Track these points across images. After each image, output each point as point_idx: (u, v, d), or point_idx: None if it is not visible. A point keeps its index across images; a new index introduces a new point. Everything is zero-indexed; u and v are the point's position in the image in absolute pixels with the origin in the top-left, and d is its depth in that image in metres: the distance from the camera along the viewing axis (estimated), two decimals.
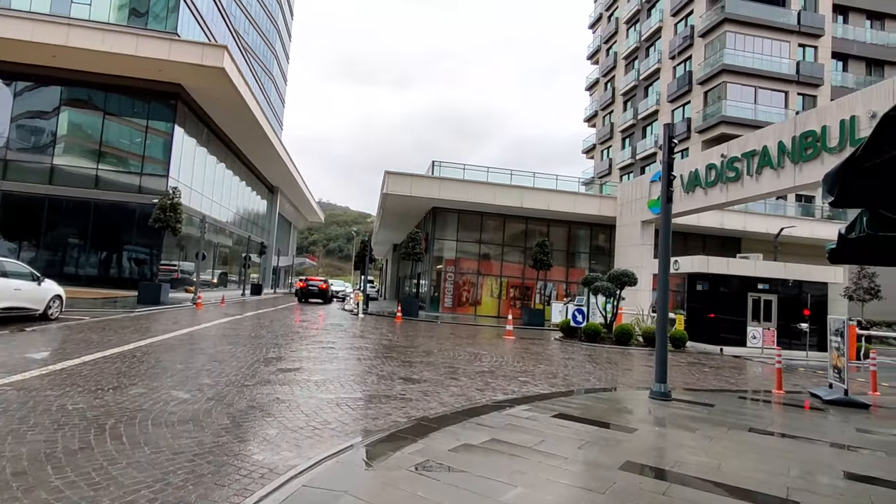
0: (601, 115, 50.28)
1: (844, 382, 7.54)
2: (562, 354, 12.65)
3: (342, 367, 8.27)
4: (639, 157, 41.69)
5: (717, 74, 33.76)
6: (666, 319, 7.26)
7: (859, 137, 13.34)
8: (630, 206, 24.58)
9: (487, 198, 25.56)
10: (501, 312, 27.87)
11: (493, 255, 28.77)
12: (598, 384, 8.61)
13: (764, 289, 15.94)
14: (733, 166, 17.73)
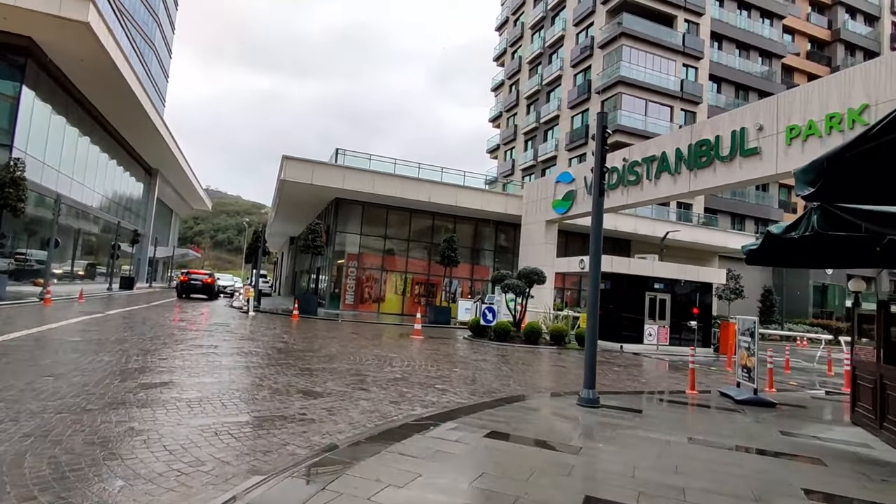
0: (505, 117, 51.31)
1: (754, 382, 7.64)
2: (475, 356, 12.04)
3: (225, 380, 6.83)
4: (540, 159, 43.00)
5: (613, 85, 35.65)
6: (596, 321, 6.80)
7: (748, 147, 14.27)
8: (535, 205, 24.90)
9: (394, 190, 24.51)
10: (406, 310, 27.00)
11: (398, 251, 27.79)
12: (519, 389, 8.01)
13: (659, 288, 16.65)
14: (634, 170, 18.41)
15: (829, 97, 12.42)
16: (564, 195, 22.29)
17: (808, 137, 12.77)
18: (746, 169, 14.35)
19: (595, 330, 6.79)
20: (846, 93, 12.07)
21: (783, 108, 13.48)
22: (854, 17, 46.23)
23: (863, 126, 11.63)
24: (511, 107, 49.84)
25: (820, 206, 4.65)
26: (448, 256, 21.87)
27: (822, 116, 12.48)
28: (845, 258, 6.43)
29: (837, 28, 45.19)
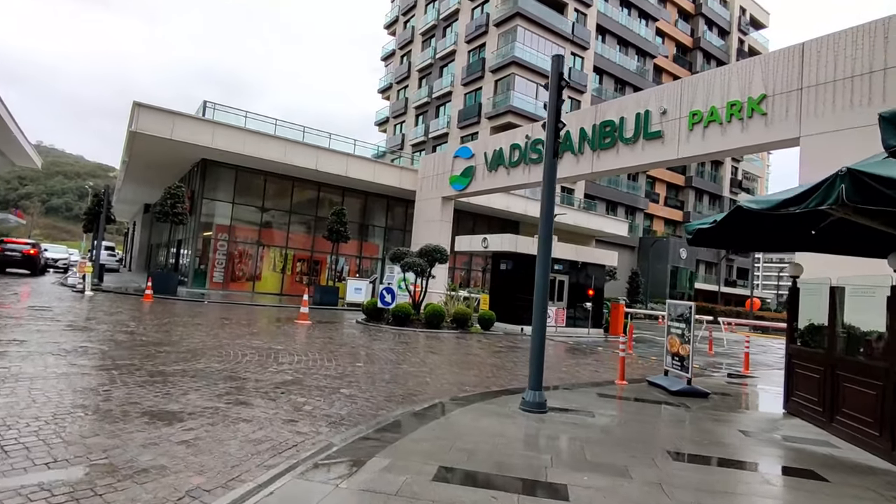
0: (396, 89, 49.23)
1: (688, 371, 7.15)
2: (376, 344, 10.47)
3: (21, 398, 4.53)
4: (431, 135, 41.85)
5: (507, 65, 35.46)
6: (544, 309, 5.65)
7: (651, 131, 14.28)
8: (431, 180, 23.66)
9: (275, 154, 21.60)
10: (286, 289, 24.35)
11: (277, 224, 24.86)
12: (445, 386, 6.69)
13: (559, 269, 16.41)
14: (536, 148, 17.91)
15: (731, 85, 12.67)
16: (463, 171, 21.31)
17: (709, 124, 12.98)
18: (649, 152, 14.39)
19: (543, 321, 5.65)
20: (746, 82, 12.37)
21: (687, 93, 13.61)
22: (711, 29, 51.42)
23: (761, 115, 11.99)
24: (402, 78, 47.85)
25: (849, 171, 3.86)
26: (336, 231, 19.81)
27: (724, 104, 12.72)
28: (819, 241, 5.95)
29: (698, 37, 49.93)
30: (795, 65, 11.46)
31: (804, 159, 11.17)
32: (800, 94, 11.32)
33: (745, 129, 12.28)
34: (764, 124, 11.92)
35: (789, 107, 11.48)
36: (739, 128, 12.40)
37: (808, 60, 11.24)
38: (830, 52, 10.88)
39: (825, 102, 10.84)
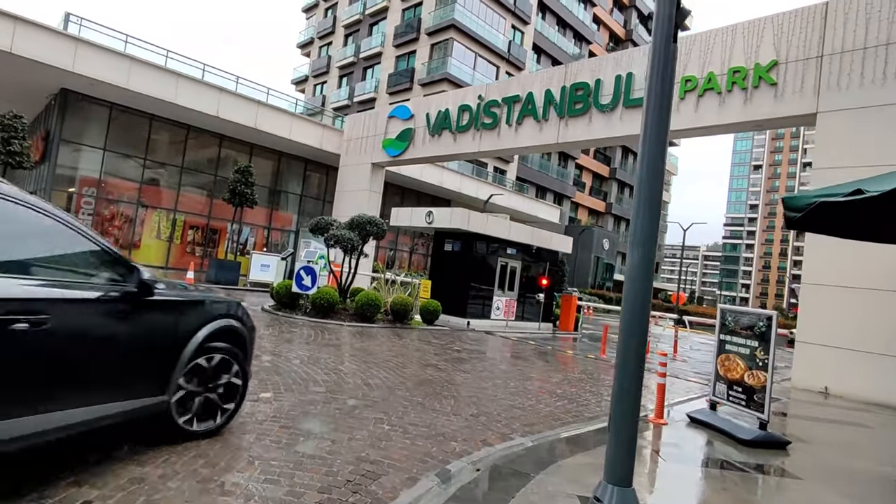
0: (318, 45, 44.35)
1: (764, 411, 4.95)
2: (292, 349, 7.37)
3: None
4: (357, 99, 37.93)
5: (446, 28, 32.47)
6: (646, 323, 3.00)
7: (634, 97, 12.21)
8: (359, 143, 20.31)
9: (164, 91, 17.08)
10: (172, 262, 19.94)
11: (165, 181, 20.20)
12: (417, 447, 3.90)
13: (511, 254, 14.08)
14: (491, 111, 15.33)
15: (734, 48, 10.83)
16: (400, 133, 18.23)
17: (705, 92, 11.10)
18: (629, 122, 12.33)
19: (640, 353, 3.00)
20: (753, 45, 10.56)
21: (679, 56, 11.60)
22: (642, 22, 51.75)
23: (770, 85, 10.25)
24: (326, 34, 43.08)
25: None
26: (241, 193, 16.02)
27: (724, 70, 10.87)
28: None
29: (630, 29, 50.01)
30: (816, 28, 9.77)
31: (823, 140, 9.55)
32: (819, 63, 9.65)
33: (749, 100, 10.50)
34: (773, 96, 10.19)
35: (805, 77, 9.80)
36: (742, 99, 10.61)
37: (833, 23, 9.57)
38: (861, 13, 9.25)
39: (851, 74, 9.23)
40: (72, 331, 2.68)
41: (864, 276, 8.51)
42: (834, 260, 8.81)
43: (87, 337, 2.80)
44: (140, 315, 3.11)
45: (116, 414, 2.95)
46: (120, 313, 2.98)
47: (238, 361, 3.77)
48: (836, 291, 8.80)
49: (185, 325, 3.44)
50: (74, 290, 2.75)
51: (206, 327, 3.55)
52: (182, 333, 3.40)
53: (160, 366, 3.26)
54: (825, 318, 8.91)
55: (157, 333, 3.26)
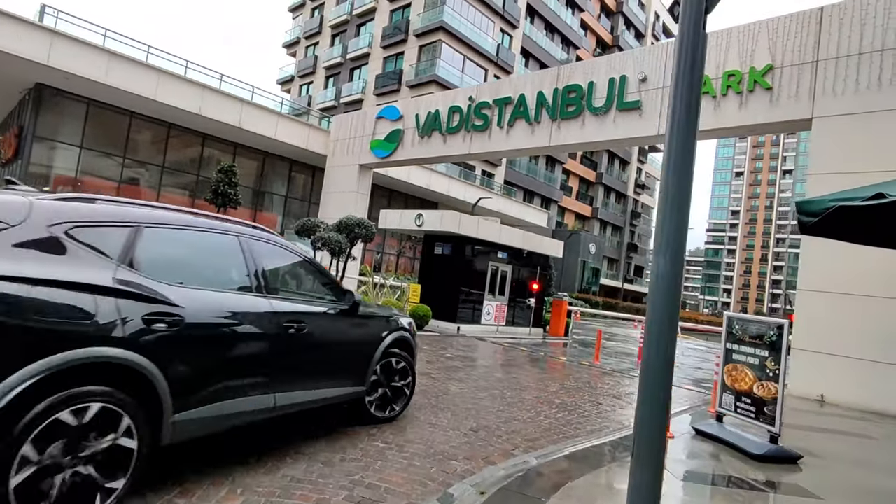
0: (304, 45, 43.83)
1: (774, 424, 4.75)
2: None
3: None
4: (343, 100, 37.50)
5: (434, 30, 32.27)
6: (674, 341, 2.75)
7: (627, 100, 12.07)
8: (346, 144, 19.94)
9: (145, 87, 16.54)
10: None
11: (146, 181, 19.60)
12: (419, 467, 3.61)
13: (502, 258, 13.84)
14: (482, 113, 15.09)
15: (729, 51, 10.74)
16: (388, 134, 17.90)
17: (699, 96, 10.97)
18: (622, 126, 12.19)
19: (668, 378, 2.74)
20: (748, 49, 10.49)
21: (674, 58, 11.50)
22: (629, 29, 52.21)
23: (765, 90, 10.18)
24: (312, 34, 42.59)
25: None
26: (225, 194, 15.50)
27: (719, 73, 10.78)
28: None
29: (618, 35, 50.36)
30: (811, 32, 9.72)
31: (817, 145, 9.49)
32: (814, 68, 9.60)
33: (744, 105, 10.42)
34: (768, 101, 10.12)
35: (801, 82, 9.74)
36: (737, 103, 10.52)
37: (828, 28, 9.52)
38: (856, 19, 9.21)
39: (847, 79, 9.18)
40: (316, 335, 3.82)
41: (859, 282, 8.42)
42: (829, 266, 8.72)
43: (324, 339, 3.98)
44: (351, 325, 4.30)
45: (335, 397, 4.07)
46: (340, 324, 4.19)
47: (409, 364, 4.87)
48: (832, 298, 8.71)
49: (377, 334, 4.54)
50: (316, 306, 3.97)
51: (390, 336, 4.64)
52: (375, 340, 4.51)
53: (361, 363, 4.36)
54: (820, 325, 8.81)
55: (361, 339, 4.40)
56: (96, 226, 2.75)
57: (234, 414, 3.16)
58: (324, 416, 4.55)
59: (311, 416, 4.45)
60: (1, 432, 2.16)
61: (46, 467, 2.26)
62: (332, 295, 4.18)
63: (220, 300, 3.18)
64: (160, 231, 3.04)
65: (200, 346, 2.99)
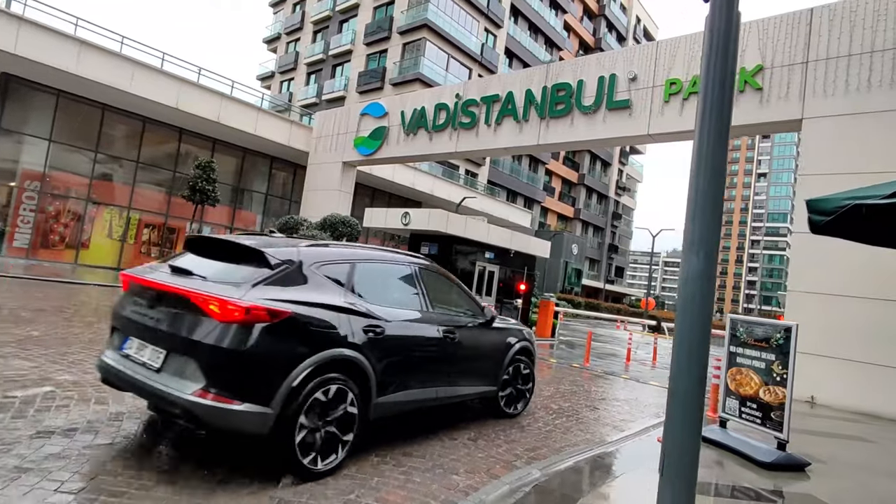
0: (285, 41, 43.06)
1: (782, 430, 4.60)
2: None
3: None
4: (325, 97, 36.92)
5: (418, 28, 31.96)
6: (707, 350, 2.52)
7: (617, 99, 11.97)
8: (330, 141, 19.52)
9: (118, 79, 15.90)
10: (126, 262, 18.63)
11: (119, 176, 18.88)
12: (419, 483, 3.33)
13: (490, 258, 13.62)
14: (469, 111, 14.87)
15: None
16: (373, 132, 17.55)
17: (690, 96, 10.94)
18: (612, 125, 12.09)
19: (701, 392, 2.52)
20: (739, 50, 10.43)
21: (664, 58, 11.46)
22: (611, 31, 52.61)
23: (755, 90, 10.15)
24: (294, 29, 41.87)
25: None
26: (202, 190, 15.01)
27: None
28: None
29: (600, 37, 50.71)
30: (801, 34, 9.72)
31: (808, 146, 9.47)
32: (804, 69, 9.60)
33: (735, 104, 10.25)
34: (759, 101, 10.10)
35: (791, 83, 9.73)
36: None
37: (817, 30, 9.53)
38: (846, 21, 9.23)
39: (836, 80, 9.18)
40: (465, 342, 4.65)
41: (849, 284, 8.42)
42: (819, 268, 8.70)
43: (470, 346, 4.78)
44: (488, 335, 5.13)
45: (475, 392, 4.96)
46: (480, 333, 5.02)
47: (531, 370, 5.75)
48: (822, 299, 8.69)
49: (507, 342, 5.39)
50: (462, 319, 4.83)
51: (517, 345, 5.49)
52: (506, 347, 5.36)
53: (495, 366, 5.20)
54: (810, 326, 8.75)
55: (496, 346, 5.24)
56: (332, 263, 3.80)
57: (411, 401, 4.16)
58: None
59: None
60: (289, 409, 3.13)
61: (312, 429, 3.26)
62: (473, 310, 5.10)
63: (406, 315, 4.16)
64: (367, 265, 4.12)
65: (394, 349, 3.93)
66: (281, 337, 3.17)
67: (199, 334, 3.03)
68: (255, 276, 3.29)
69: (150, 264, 3.82)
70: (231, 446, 3.61)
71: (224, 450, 3.57)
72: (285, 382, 3.12)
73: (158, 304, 3.29)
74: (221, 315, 3.02)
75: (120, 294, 3.80)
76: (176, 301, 3.20)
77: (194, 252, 3.70)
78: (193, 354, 3.04)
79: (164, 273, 3.46)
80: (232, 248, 3.57)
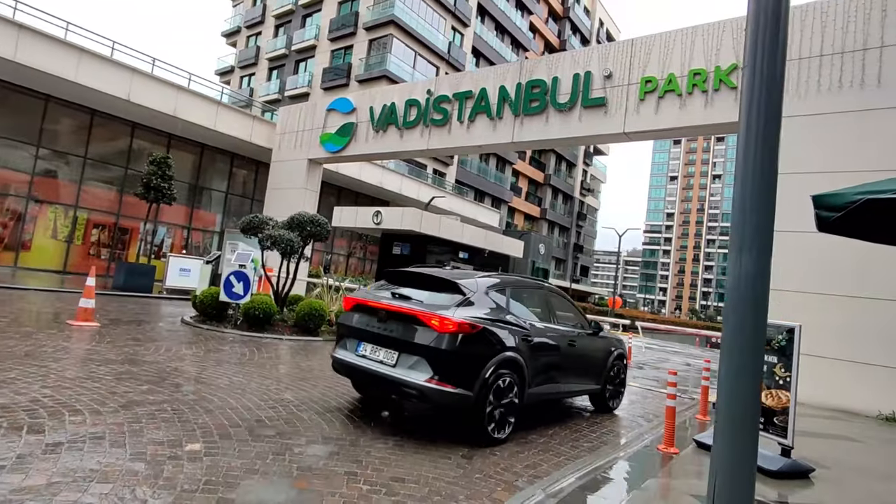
0: (245, 34, 41.65)
1: (788, 437, 4.40)
2: (224, 367, 6.05)
3: None
4: (288, 93, 35.88)
5: (385, 24, 31.40)
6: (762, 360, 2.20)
7: (593, 97, 11.82)
8: (294, 137, 18.75)
9: (63, 68, 14.72)
10: (72, 265, 17.36)
11: (64, 173, 17.56)
12: None
13: (464, 258, 13.27)
14: (441, 107, 14.49)
15: (694, 50, 10.69)
16: (340, 128, 16.92)
17: (665, 94, 10.87)
18: (588, 123, 11.93)
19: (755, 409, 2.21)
20: (713, 48, 10.46)
21: (639, 56, 11.36)
22: (575, 34, 53.25)
23: (730, 89, 10.17)
24: (254, 23, 40.53)
25: None
26: (158, 188, 14.04)
27: (685, 72, 10.69)
28: None
29: (564, 39, 51.25)
30: None
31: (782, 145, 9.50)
32: None
33: (710, 103, 10.38)
34: (734, 99, 10.11)
35: None
36: (702, 102, 10.47)
37: (790, 30, 9.59)
38: (817, 22, 9.33)
39: (809, 80, 9.26)
40: (580, 348, 5.83)
41: (829, 281, 8.47)
42: (800, 266, 8.73)
43: (584, 351, 5.93)
44: (596, 343, 6.28)
45: (586, 389, 6.13)
46: (591, 341, 6.15)
47: (624, 371, 6.85)
48: (802, 297, 8.72)
49: (608, 349, 6.50)
50: (576, 330, 5.97)
51: (615, 351, 6.61)
52: (607, 353, 6.45)
53: (600, 368, 6.30)
54: None
55: (600, 352, 6.33)
56: (497, 289, 4.99)
57: (547, 392, 5.41)
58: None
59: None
60: (481, 393, 4.36)
61: (494, 408, 4.48)
62: (582, 323, 6.26)
63: (543, 326, 5.35)
64: (516, 289, 5.32)
65: (538, 353, 5.09)
66: (477, 343, 4.43)
67: (426, 340, 4.33)
68: (455, 300, 4.57)
69: (367, 290, 5.40)
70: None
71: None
72: (480, 374, 4.38)
73: (389, 319, 4.61)
74: (440, 328, 4.31)
75: (343, 312, 5.27)
76: (406, 318, 4.51)
77: (396, 282, 5.12)
78: (422, 354, 4.35)
79: (388, 299, 4.78)
80: (435, 280, 4.87)
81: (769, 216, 2.20)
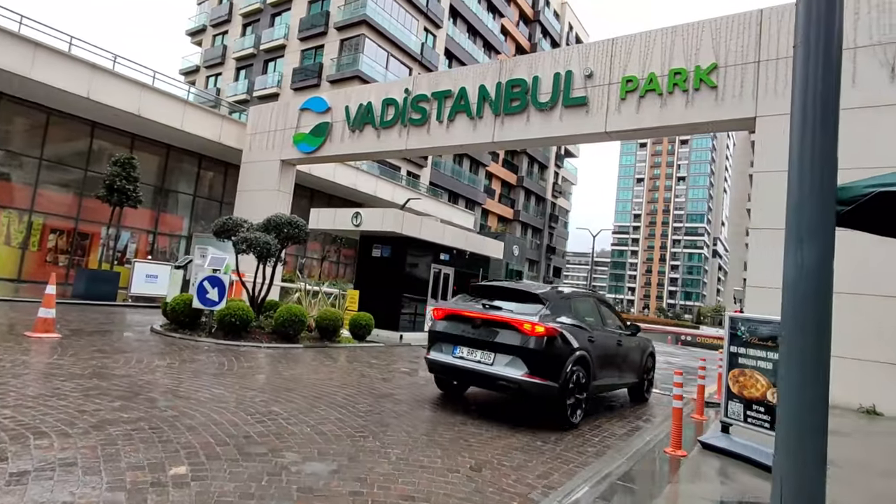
0: (211, 33, 40.48)
1: None
2: (203, 379, 5.64)
3: None
4: (257, 94, 34.99)
5: (357, 24, 30.95)
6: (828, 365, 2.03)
7: (574, 96, 11.78)
8: (266, 137, 18.18)
9: (17, 63, 13.83)
10: (28, 273, 16.35)
11: (18, 175, 16.52)
12: None
13: (445, 260, 13.05)
14: (419, 107, 14.23)
15: (674, 49, 10.75)
16: (314, 128, 16.47)
17: (646, 93, 10.90)
18: (569, 122, 11.87)
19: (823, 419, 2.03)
20: (693, 48, 10.54)
21: (619, 55, 11.37)
22: (545, 37, 53.79)
23: (710, 88, 10.25)
24: (221, 21, 39.43)
25: None
26: (122, 190, 13.34)
27: (665, 71, 10.74)
28: None
29: (535, 42, 51.69)
30: (752, 33, 9.90)
31: (762, 145, 9.64)
32: (756, 68, 9.77)
33: (691, 103, 10.44)
34: (714, 99, 10.19)
35: (745, 81, 9.88)
36: (683, 101, 10.52)
37: (767, 29, 9.74)
38: (792, 21, 9.47)
39: (787, 79, 9.40)
40: (624, 346, 6.90)
41: None
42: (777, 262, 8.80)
43: (628, 349, 7.01)
44: (635, 342, 7.33)
45: (625, 384, 7.20)
46: (631, 341, 7.18)
47: (654, 367, 8.18)
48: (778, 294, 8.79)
49: (643, 347, 7.64)
50: (618, 331, 6.95)
51: (648, 349, 7.81)
52: (643, 351, 7.60)
53: (638, 363, 7.40)
54: None
55: (638, 350, 7.40)
56: (565, 298, 6.12)
57: (605, 385, 6.44)
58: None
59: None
60: (564, 384, 5.31)
61: (571, 396, 5.45)
62: (622, 325, 7.20)
63: (600, 329, 6.37)
64: (575, 299, 6.34)
65: (599, 350, 6.04)
66: (559, 343, 5.36)
67: (519, 342, 5.26)
68: (537, 308, 5.55)
69: (455, 301, 6.37)
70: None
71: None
72: (563, 368, 5.30)
73: (483, 326, 5.53)
74: (531, 332, 5.25)
75: (434, 320, 6.11)
76: (499, 325, 5.44)
77: (482, 295, 6.03)
78: (517, 353, 5.26)
79: (480, 309, 5.67)
80: (517, 293, 5.92)
81: (831, 206, 2.05)
